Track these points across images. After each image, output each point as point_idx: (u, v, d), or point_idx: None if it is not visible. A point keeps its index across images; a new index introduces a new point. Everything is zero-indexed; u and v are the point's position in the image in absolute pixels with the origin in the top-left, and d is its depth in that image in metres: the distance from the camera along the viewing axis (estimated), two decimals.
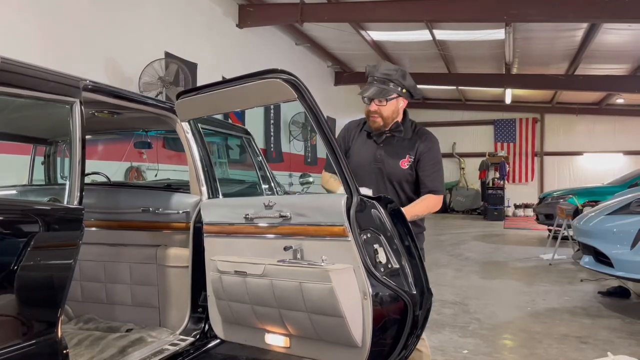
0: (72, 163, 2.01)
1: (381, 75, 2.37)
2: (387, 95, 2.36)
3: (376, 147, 2.49)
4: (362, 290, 2.11)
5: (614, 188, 8.27)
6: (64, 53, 5.31)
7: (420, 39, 10.59)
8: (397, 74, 2.38)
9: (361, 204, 2.15)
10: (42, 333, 1.75)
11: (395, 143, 2.47)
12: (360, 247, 2.10)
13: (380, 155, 2.47)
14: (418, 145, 2.45)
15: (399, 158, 2.44)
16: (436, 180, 2.46)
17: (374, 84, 2.38)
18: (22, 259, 1.68)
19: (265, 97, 2.42)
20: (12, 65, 1.86)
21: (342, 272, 2.11)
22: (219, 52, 8.35)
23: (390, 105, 2.39)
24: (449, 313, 4.62)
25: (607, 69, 11.85)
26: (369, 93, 2.38)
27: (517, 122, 17.68)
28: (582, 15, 7.82)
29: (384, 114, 2.39)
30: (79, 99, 2.06)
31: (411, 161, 2.43)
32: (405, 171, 2.44)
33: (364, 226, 2.14)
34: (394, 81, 2.37)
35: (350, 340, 2.12)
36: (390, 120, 2.43)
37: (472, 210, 17.48)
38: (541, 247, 8.87)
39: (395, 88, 2.37)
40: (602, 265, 4.66)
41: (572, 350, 3.62)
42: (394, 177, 2.45)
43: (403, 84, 2.39)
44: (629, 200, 4.73)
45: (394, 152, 2.45)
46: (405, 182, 2.46)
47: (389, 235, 2.19)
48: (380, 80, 2.37)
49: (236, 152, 4.86)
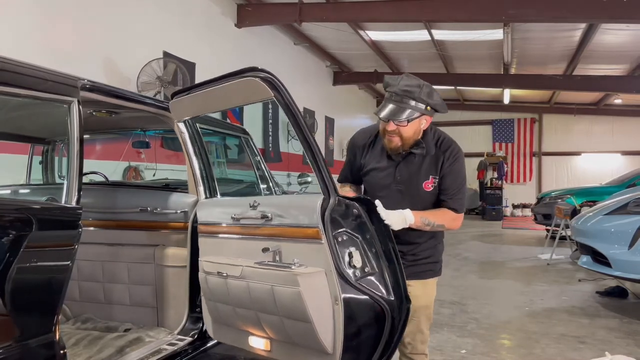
0: (70, 163, 2.00)
1: (401, 92, 2.03)
2: (410, 116, 2.04)
3: (395, 166, 2.20)
4: (333, 295, 2.02)
5: (612, 188, 8.28)
6: (61, 52, 5.30)
7: (419, 39, 10.59)
8: (421, 91, 2.05)
9: (340, 205, 2.05)
10: (40, 333, 1.74)
11: (416, 161, 2.17)
12: (333, 249, 2.00)
13: (400, 177, 2.19)
14: (442, 162, 2.16)
15: (422, 179, 2.17)
16: (459, 201, 2.19)
17: (392, 100, 2.05)
18: (19, 258, 1.68)
19: (245, 97, 2.35)
20: (10, 65, 1.86)
21: (312, 276, 2.03)
22: (217, 52, 8.34)
23: (412, 125, 2.07)
24: (447, 313, 4.62)
25: (605, 69, 11.86)
26: (386, 113, 2.05)
27: (516, 122, 17.69)
28: (580, 15, 7.83)
29: (404, 135, 2.08)
30: (77, 99, 2.06)
31: (435, 182, 2.17)
32: (429, 193, 2.18)
33: (339, 228, 2.05)
34: (417, 99, 2.04)
35: (320, 346, 2.05)
36: (411, 140, 2.11)
37: (470, 210, 17.49)
38: (539, 247, 8.88)
39: (417, 106, 2.05)
40: (600, 265, 4.67)
41: (569, 350, 3.63)
42: (418, 199, 2.18)
43: (428, 102, 2.07)
44: (627, 200, 4.74)
45: (416, 172, 2.17)
46: (429, 203, 2.20)
47: (367, 238, 2.09)
48: (400, 97, 2.03)
49: (234, 151, 4.86)
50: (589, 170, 16.62)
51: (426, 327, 2.29)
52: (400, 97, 2.04)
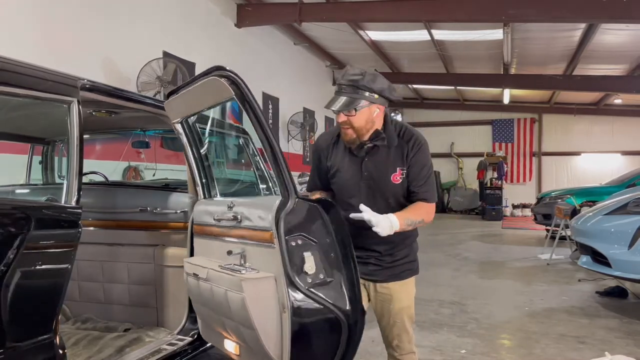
0: (69, 163, 2.00)
1: (347, 82, 2.04)
2: (356, 105, 2.02)
3: (360, 162, 2.15)
4: (281, 302, 1.93)
5: (612, 188, 8.28)
6: (61, 52, 5.30)
7: (419, 39, 10.60)
8: (364, 78, 2.03)
9: (299, 207, 1.97)
10: (39, 333, 1.74)
11: (381, 154, 2.14)
12: (284, 254, 1.91)
13: (367, 172, 2.14)
14: (407, 153, 2.13)
15: (390, 172, 2.12)
16: (429, 190, 2.16)
17: (341, 92, 2.06)
18: (19, 258, 1.68)
19: (212, 97, 2.28)
20: (10, 65, 1.86)
21: (257, 282, 1.95)
22: (217, 52, 8.34)
23: (361, 114, 2.05)
24: (447, 313, 4.62)
25: (605, 69, 11.86)
26: (334, 105, 2.05)
27: (515, 122, 17.69)
28: (580, 15, 7.83)
29: (354, 124, 2.06)
30: (77, 99, 2.06)
31: (403, 173, 2.12)
32: (398, 186, 2.13)
33: (295, 232, 1.95)
34: (362, 87, 2.02)
35: (266, 355, 1.97)
36: (364, 130, 2.09)
37: (470, 210, 17.50)
38: (539, 247, 8.88)
39: (364, 95, 2.03)
40: (600, 265, 4.66)
41: (569, 350, 3.63)
42: (387, 193, 2.14)
43: (373, 88, 2.03)
44: (627, 200, 4.74)
45: (382, 166, 2.13)
46: (401, 196, 2.16)
47: (326, 243, 2.00)
48: (347, 88, 2.04)
49: (234, 151, 4.85)
50: (588, 170, 16.61)
51: (410, 326, 2.27)
52: (345, 87, 2.05)
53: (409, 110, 18.67)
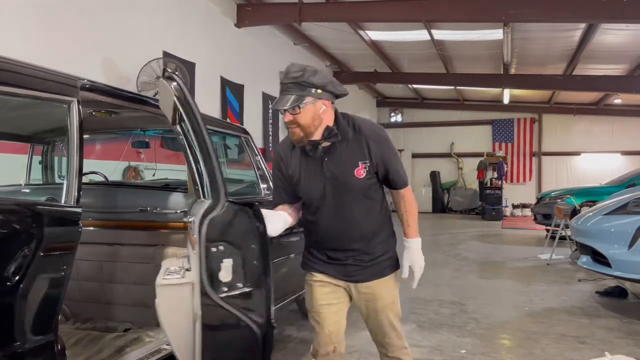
0: (69, 163, 2.00)
1: (289, 81, 1.98)
2: (299, 102, 1.96)
3: (321, 163, 2.07)
4: (194, 311, 1.87)
5: (612, 188, 8.27)
6: (61, 52, 5.30)
7: (419, 39, 10.60)
8: (305, 74, 1.97)
9: (226, 212, 1.90)
10: (39, 333, 1.74)
11: (339, 151, 2.06)
12: (202, 261, 1.85)
13: (329, 172, 2.06)
14: (368, 145, 2.06)
15: (352, 167, 2.05)
16: (400, 172, 2.14)
17: (285, 92, 2.00)
18: (19, 258, 1.68)
19: (168, 99, 2.26)
20: (9, 64, 1.85)
21: (172, 288, 1.89)
22: (217, 52, 8.34)
23: (306, 111, 1.98)
24: (447, 313, 4.62)
25: (604, 69, 11.87)
26: (278, 104, 2.00)
27: (515, 122, 17.70)
28: (580, 15, 7.83)
29: (301, 122, 1.99)
30: (77, 98, 2.05)
31: (367, 167, 2.05)
32: (362, 181, 2.06)
33: (218, 238, 1.89)
34: (304, 83, 1.96)
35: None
36: (312, 128, 2.01)
37: (470, 210, 17.50)
38: (539, 247, 8.88)
39: (308, 91, 1.97)
40: (600, 265, 4.66)
41: (569, 350, 3.63)
42: (353, 190, 2.07)
43: (315, 83, 1.97)
44: (627, 200, 4.74)
45: (343, 162, 2.06)
46: (370, 190, 2.10)
47: (250, 250, 1.93)
48: (290, 87, 1.98)
49: (234, 151, 4.86)
50: (588, 170, 16.62)
51: (397, 322, 2.24)
52: (288, 86, 1.99)
53: (409, 110, 18.68)
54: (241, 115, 8.98)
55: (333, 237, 2.13)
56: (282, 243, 3.52)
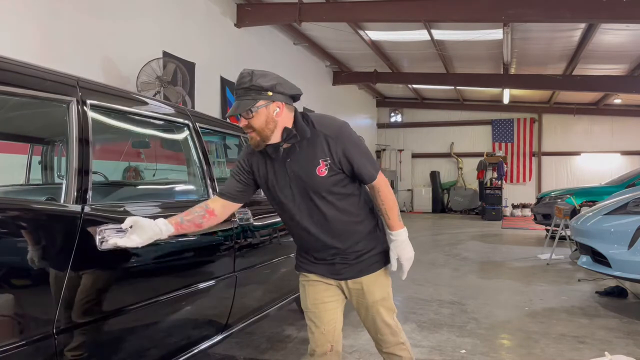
0: (69, 162, 2.00)
1: (239, 87, 1.99)
2: (250, 106, 1.95)
3: (284, 164, 2.05)
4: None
5: (612, 188, 8.28)
6: (60, 52, 5.30)
7: (419, 39, 10.60)
8: (253, 78, 1.97)
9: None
10: (39, 333, 1.74)
11: (299, 151, 2.03)
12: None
13: (293, 172, 2.04)
14: (327, 142, 2.02)
15: (313, 166, 2.02)
16: (368, 164, 2.07)
17: (238, 98, 1.99)
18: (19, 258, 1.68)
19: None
20: (8, 64, 1.85)
21: None
22: (216, 52, 8.34)
23: (259, 115, 1.96)
24: (447, 313, 4.62)
25: (604, 69, 11.88)
26: (231, 110, 2.00)
27: (515, 122, 17.71)
28: (580, 15, 7.84)
29: (255, 126, 1.98)
30: (76, 98, 2.05)
31: (328, 164, 2.01)
32: (325, 179, 2.02)
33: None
34: (253, 88, 1.96)
35: None
36: (267, 131, 1.99)
37: (469, 210, 17.50)
38: (539, 247, 8.89)
39: (258, 95, 1.96)
40: (600, 265, 4.66)
41: (569, 350, 3.63)
42: (319, 188, 2.04)
43: (263, 86, 1.96)
44: (627, 200, 4.74)
45: (305, 162, 2.03)
46: (335, 187, 2.06)
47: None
48: (242, 93, 1.98)
49: (234, 151, 4.85)
50: (588, 170, 16.64)
51: (391, 318, 2.20)
52: (240, 92, 1.99)
53: (409, 110, 18.69)
54: None
55: (312, 238, 2.11)
56: (282, 243, 3.52)
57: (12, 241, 1.67)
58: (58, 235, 1.85)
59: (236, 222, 2.91)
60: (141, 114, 2.62)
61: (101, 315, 1.99)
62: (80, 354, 1.91)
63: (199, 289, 2.58)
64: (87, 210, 1.96)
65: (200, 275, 2.65)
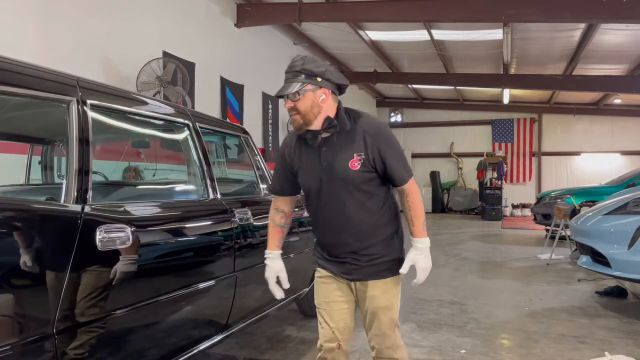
0: (68, 162, 2.00)
1: (290, 70, 2.06)
2: (300, 88, 2.01)
3: (318, 154, 2.10)
4: None
5: (612, 188, 8.28)
6: (60, 52, 5.30)
7: (418, 39, 10.59)
8: (304, 63, 2.04)
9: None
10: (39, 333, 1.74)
11: (336, 142, 2.07)
12: None
13: (325, 162, 2.07)
14: (365, 138, 2.05)
15: (347, 159, 2.05)
16: (401, 167, 2.08)
17: (286, 81, 2.06)
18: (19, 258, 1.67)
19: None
20: (7, 64, 1.85)
21: None
22: (216, 52, 8.34)
23: (305, 98, 2.02)
24: (447, 313, 4.62)
25: (604, 69, 11.87)
26: (280, 91, 2.06)
27: (515, 122, 17.70)
28: (580, 15, 7.83)
29: (301, 109, 2.03)
30: (76, 98, 2.05)
31: (362, 160, 2.04)
32: (356, 173, 2.05)
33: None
34: (303, 71, 2.02)
35: None
36: (311, 115, 2.04)
37: (469, 210, 17.50)
38: (539, 247, 8.89)
39: (306, 79, 2.02)
40: (600, 265, 4.67)
41: (569, 350, 3.63)
42: (349, 181, 2.06)
43: (313, 71, 2.03)
44: (626, 200, 4.74)
45: (339, 153, 2.06)
46: (363, 183, 2.07)
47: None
48: (291, 76, 2.04)
49: (234, 151, 4.86)
50: (588, 170, 16.63)
51: (390, 330, 2.15)
52: (289, 75, 2.06)
53: (409, 110, 18.68)
54: (241, 115, 8.98)
55: (330, 232, 2.14)
56: None
57: (12, 241, 1.67)
58: (58, 235, 1.85)
59: (236, 222, 2.91)
60: (141, 114, 2.62)
61: (101, 315, 1.99)
62: (80, 354, 1.91)
63: (199, 289, 2.58)
64: (87, 210, 1.96)
65: (200, 275, 2.65)
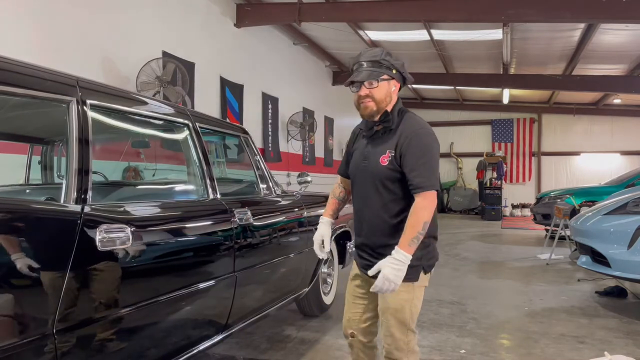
0: (68, 162, 2.00)
1: (369, 58, 2.13)
2: (379, 76, 2.10)
3: (365, 145, 2.23)
4: None
5: (611, 188, 8.28)
6: (60, 52, 5.29)
7: (418, 39, 10.59)
8: (383, 54, 2.14)
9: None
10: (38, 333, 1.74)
11: (381, 137, 2.17)
12: None
13: (367, 152, 2.20)
14: (400, 137, 2.10)
15: (380, 154, 2.13)
16: (422, 174, 2.02)
17: (363, 67, 2.13)
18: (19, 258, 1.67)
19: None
20: (9, 64, 1.85)
21: None
22: (216, 52, 8.34)
23: (382, 87, 2.11)
24: (447, 313, 4.62)
25: (604, 69, 11.87)
26: (360, 76, 2.11)
27: (515, 122, 17.71)
28: (580, 15, 7.83)
29: (376, 96, 2.11)
30: (76, 98, 2.05)
31: (391, 156, 2.09)
32: (385, 169, 2.10)
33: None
34: (382, 62, 2.11)
35: None
36: (384, 104, 2.13)
37: (469, 210, 17.51)
38: (538, 247, 8.89)
39: (383, 69, 2.12)
40: (599, 265, 4.67)
41: (569, 350, 3.63)
42: (377, 176, 2.13)
43: (392, 63, 2.13)
44: (626, 200, 4.74)
45: (377, 147, 2.16)
46: (388, 181, 2.10)
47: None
48: (367, 64, 2.12)
49: (234, 151, 4.85)
50: (588, 170, 16.63)
51: (400, 332, 2.13)
52: (365, 63, 2.14)
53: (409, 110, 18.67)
54: (241, 115, 8.98)
55: (359, 222, 2.25)
56: (282, 243, 3.52)
57: (12, 241, 1.67)
58: (58, 235, 1.85)
59: (236, 222, 2.91)
60: (141, 114, 2.62)
61: (101, 315, 1.99)
62: (80, 354, 1.91)
63: (199, 289, 2.58)
64: (87, 210, 1.96)
65: (200, 275, 2.64)
